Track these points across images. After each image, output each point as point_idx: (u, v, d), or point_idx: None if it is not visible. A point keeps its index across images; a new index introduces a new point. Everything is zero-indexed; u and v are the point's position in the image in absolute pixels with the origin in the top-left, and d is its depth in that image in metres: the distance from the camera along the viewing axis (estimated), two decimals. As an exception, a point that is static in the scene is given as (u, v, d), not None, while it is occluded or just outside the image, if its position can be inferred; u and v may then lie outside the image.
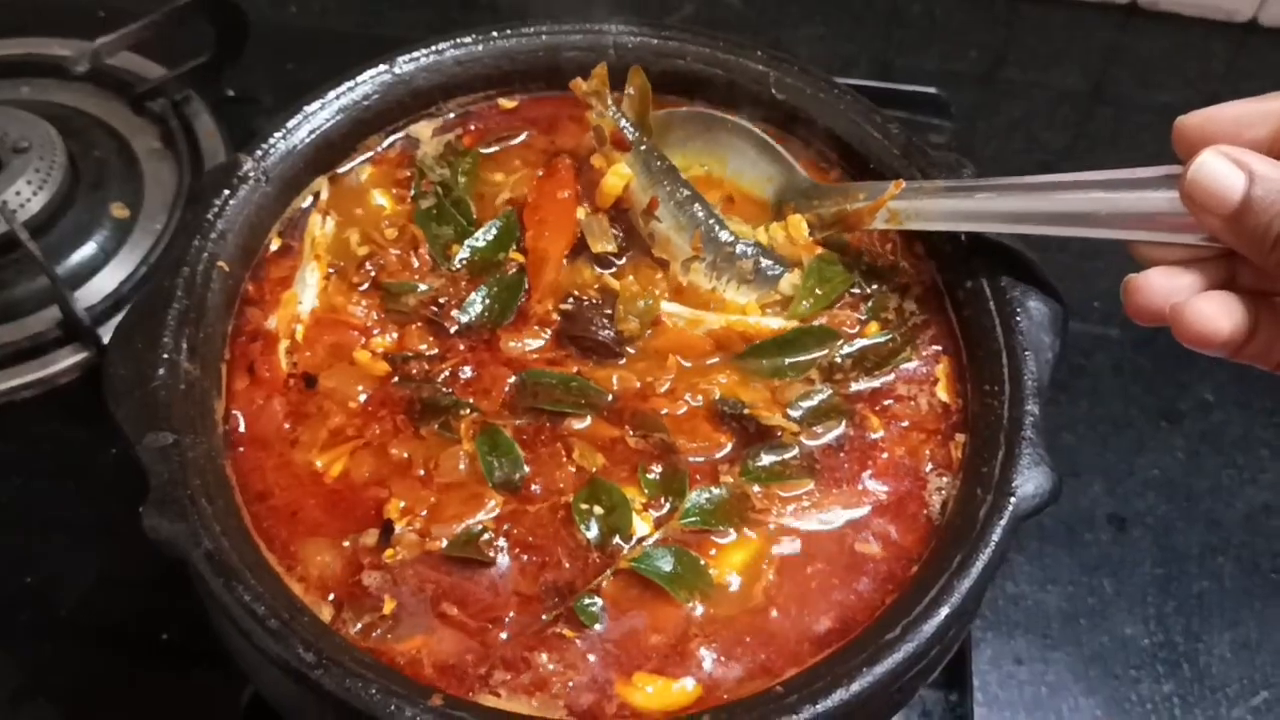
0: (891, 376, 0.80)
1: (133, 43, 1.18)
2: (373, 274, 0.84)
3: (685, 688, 0.67)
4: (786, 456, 0.76)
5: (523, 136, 0.93)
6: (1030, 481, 0.68)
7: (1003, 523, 0.67)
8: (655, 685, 0.67)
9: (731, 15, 1.37)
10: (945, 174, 0.82)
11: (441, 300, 0.82)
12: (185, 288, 0.76)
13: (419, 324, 0.82)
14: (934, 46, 1.38)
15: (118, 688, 0.90)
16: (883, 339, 0.81)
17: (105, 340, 1.01)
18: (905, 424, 0.78)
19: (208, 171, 1.08)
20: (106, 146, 1.16)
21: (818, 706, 0.60)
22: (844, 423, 0.78)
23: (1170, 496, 1.03)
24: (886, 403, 0.79)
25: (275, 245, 0.85)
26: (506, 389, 0.78)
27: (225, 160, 0.84)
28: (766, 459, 0.76)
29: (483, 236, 0.85)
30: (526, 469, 0.75)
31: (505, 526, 0.72)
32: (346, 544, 0.72)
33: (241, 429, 0.76)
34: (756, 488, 0.74)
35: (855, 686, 0.61)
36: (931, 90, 1.23)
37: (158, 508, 0.66)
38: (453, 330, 0.81)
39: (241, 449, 0.76)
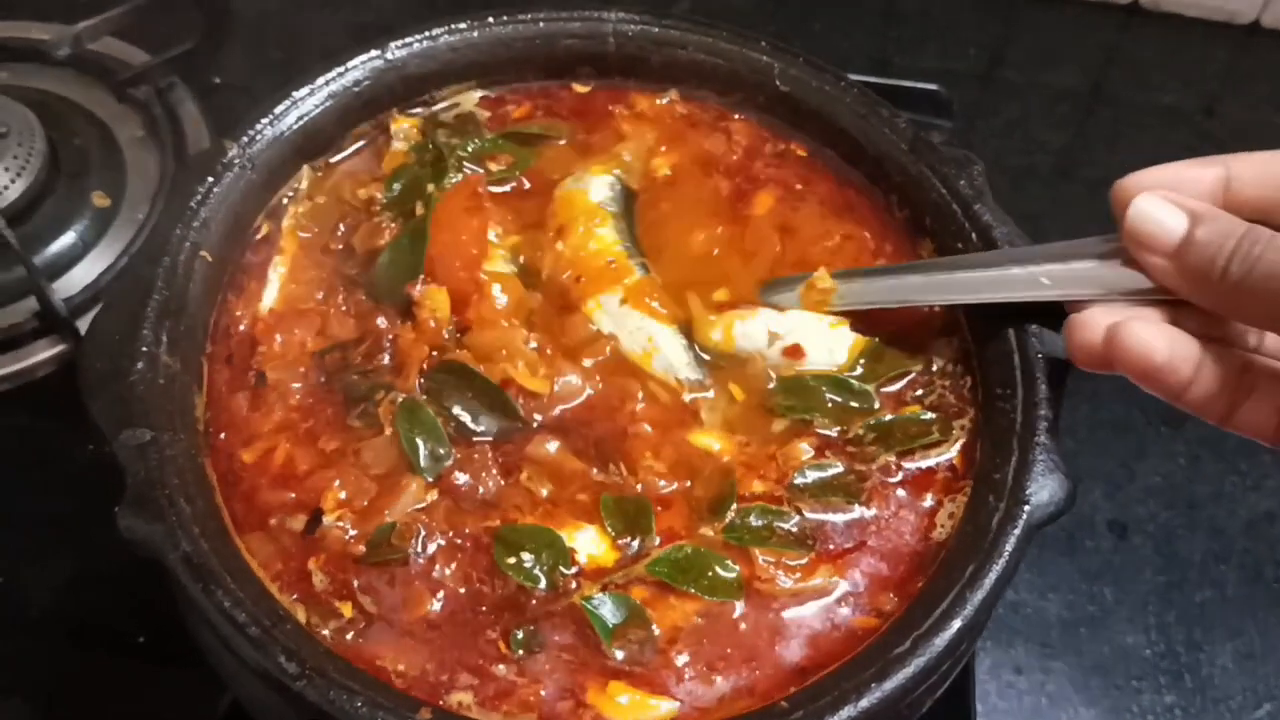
0: (917, 466, 0.74)
1: (116, 28, 1.15)
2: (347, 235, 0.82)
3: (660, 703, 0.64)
4: (780, 524, 0.70)
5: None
6: (1044, 489, 0.66)
7: (1016, 532, 0.64)
8: (630, 696, 0.64)
9: (730, 9, 1.35)
10: (956, 169, 0.80)
11: None
12: (166, 278, 0.73)
13: (335, 309, 0.78)
14: (932, 44, 1.35)
15: (91, 690, 0.88)
16: (919, 418, 0.75)
17: (84, 332, 0.98)
18: (924, 484, 0.73)
19: (192, 158, 1.06)
20: (88, 134, 1.13)
21: (824, 723, 0.58)
22: (855, 505, 0.71)
23: (1172, 503, 1.01)
24: (905, 476, 0.74)
25: (263, 232, 0.82)
26: (424, 367, 0.74)
27: (210, 146, 0.81)
28: (758, 521, 0.70)
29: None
30: (453, 455, 0.71)
31: (431, 522, 0.69)
32: (273, 521, 0.68)
33: (219, 423, 0.74)
34: (762, 557, 0.69)
35: (864, 703, 0.58)
36: (932, 87, 1.20)
37: (134, 508, 0.64)
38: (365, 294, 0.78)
39: (221, 438, 0.73)
